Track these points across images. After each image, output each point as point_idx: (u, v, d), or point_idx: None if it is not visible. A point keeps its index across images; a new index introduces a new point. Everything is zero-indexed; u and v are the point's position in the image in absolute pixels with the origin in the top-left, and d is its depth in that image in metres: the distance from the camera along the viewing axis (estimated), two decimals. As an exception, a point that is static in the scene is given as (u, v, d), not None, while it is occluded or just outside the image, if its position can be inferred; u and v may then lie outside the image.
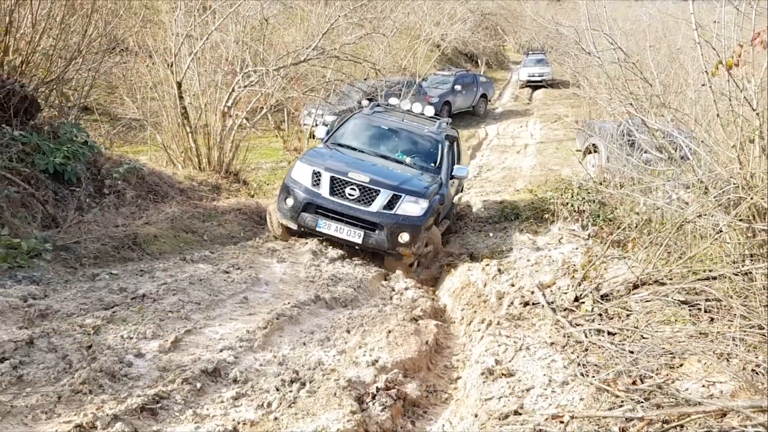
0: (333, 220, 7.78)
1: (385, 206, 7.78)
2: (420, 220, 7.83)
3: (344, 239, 7.79)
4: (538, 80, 32.14)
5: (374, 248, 7.89)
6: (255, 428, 3.65)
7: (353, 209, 7.76)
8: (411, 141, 9.53)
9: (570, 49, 10.72)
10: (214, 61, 13.64)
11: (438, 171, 9.04)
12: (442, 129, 9.85)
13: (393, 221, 7.72)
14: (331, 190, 7.87)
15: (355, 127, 9.68)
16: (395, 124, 9.77)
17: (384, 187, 7.82)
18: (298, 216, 7.89)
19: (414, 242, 7.77)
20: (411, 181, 8.22)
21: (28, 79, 8.32)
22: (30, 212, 6.94)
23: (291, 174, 8.25)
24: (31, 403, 3.54)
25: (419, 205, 7.88)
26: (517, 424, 3.52)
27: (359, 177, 7.84)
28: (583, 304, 5.17)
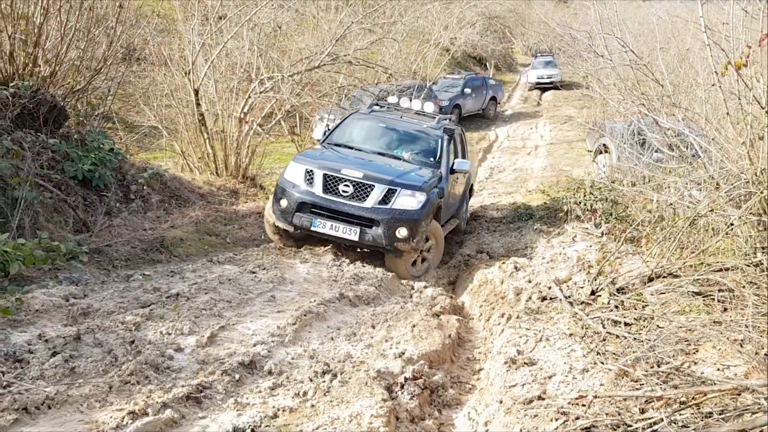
0: (328, 218, 7.61)
1: (380, 201, 7.58)
2: (418, 213, 7.62)
3: (340, 237, 7.63)
4: (546, 82, 32.32)
5: (372, 245, 7.69)
6: (294, 414, 3.87)
7: (348, 206, 7.56)
8: (409, 137, 9.35)
9: (580, 51, 10.89)
10: (229, 69, 13.92)
11: (437, 165, 8.83)
12: (441, 123, 9.67)
13: (389, 216, 7.51)
14: (325, 188, 7.68)
15: (352, 127, 9.55)
16: (392, 121, 9.62)
17: (378, 182, 7.62)
18: (292, 217, 7.70)
19: (413, 237, 7.57)
20: (407, 175, 8.01)
21: (57, 89, 8.63)
22: (62, 217, 7.22)
23: (284, 175, 8.08)
24: (84, 392, 3.78)
25: (416, 198, 7.66)
26: (541, 408, 3.72)
27: (352, 173, 7.65)
28: (600, 297, 5.37)
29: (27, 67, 8.27)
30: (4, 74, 8.09)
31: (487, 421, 4.07)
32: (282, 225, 7.88)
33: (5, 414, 3.41)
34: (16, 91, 7.66)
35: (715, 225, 5.27)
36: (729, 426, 2.89)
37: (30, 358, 4.09)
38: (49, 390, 3.70)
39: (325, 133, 9.38)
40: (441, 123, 9.67)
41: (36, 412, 3.53)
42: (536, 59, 35.50)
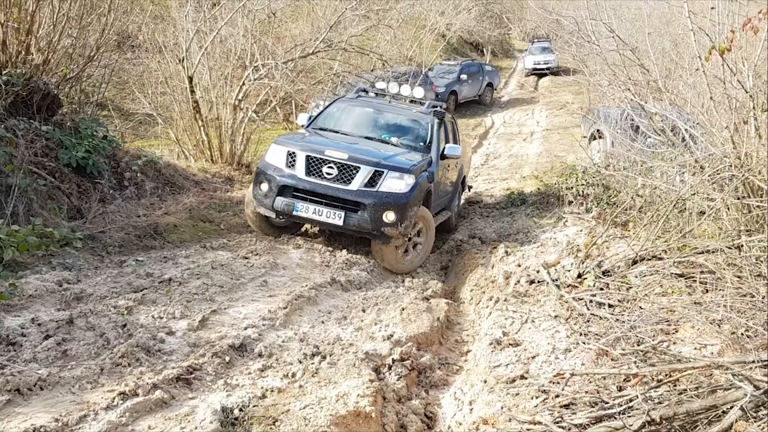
0: (310, 202, 7.18)
1: (366, 183, 7.15)
2: (406, 197, 7.19)
3: (323, 222, 7.23)
4: (543, 68, 32.18)
5: (357, 230, 7.27)
6: (282, 395, 3.96)
7: (331, 188, 7.14)
8: (397, 122, 8.97)
9: (570, 37, 10.90)
10: (223, 56, 13.92)
11: (428, 150, 8.42)
12: (431, 108, 9.26)
13: (376, 199, 7.08)
14: (308, 170, 7.24)
15: (338, 111, 9.14)
16: (380, 106, 9.22)
17: (364, 164, 7.19)
18: (273, 201, 7.27)
19: (401, 221, 7.13)
20: (395, 157, 7.64)
21: (50, 76, 8.65)
22: (56, 204, 7.28)
23: (265, 158, 7.67)
24: (76, 374, 3.86)
25: (404, 180, 7.24)
26: (522, 387, 3.82)
27: (337, 154, 7.23)
28: (586, 280, 5.46)
29: (20, 55, 8.28)
30: (-4, 62, 8.11)
31: (472, 400, 4.16)
32: (263, 211, 7.49)
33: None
34: (9, 79, 7.69)
35: (700, 208, 5.35)
36: (701, 402, 2.98)
37: (23, 342, 4.17)
38: (42, 372, 3.78)
39: (310, 118, 8.99)
40: (431, 108, 9.28)
41: (28, 393, 3.61)
42: (533, 45, 35.38)
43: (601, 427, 3.01)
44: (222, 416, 3.52)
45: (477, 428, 3.56)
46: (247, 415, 3.63)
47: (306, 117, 9.01)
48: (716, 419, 2.92)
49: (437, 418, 4.37)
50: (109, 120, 13.20)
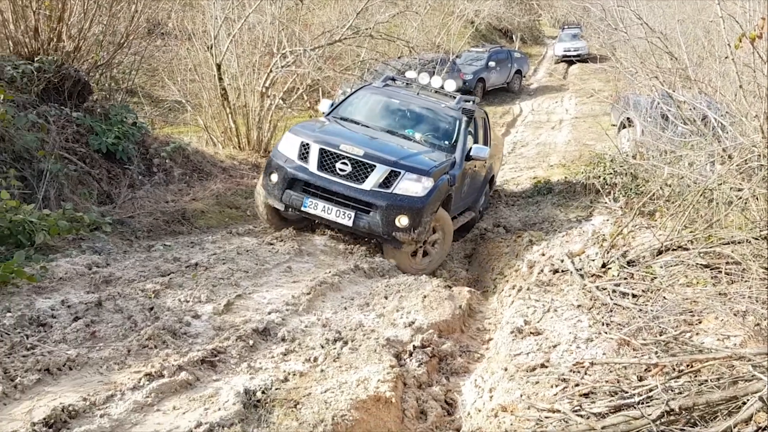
0: (320, 198, 6.80)
1: (380, 184, 6.72)
2: (422, 201, 6.72)
3: (332, 221, 6.83)
4: (573, 55, 31.78)
5: (367, 233, 6.87)
6: (304, 378, 4.01)
7: (343, 186, 6.74)
8: (423, 116, 8.45)
9: (600, 24, 10.75)
10: (251, 43, 14.00)
11: (452, 150, 7.89)
12: (461, 104, 8.66)
13: (389, 201, 6.64)
14: (320, 165, 6.85)
15: (362, 100, 8.65)
16: (407, 98, 8.67)
17: (380, 162, 6.77)
18: (282, 194, 6.92)
19: (414, 227, 6.67)
20: (414, 157, 7.16)
21: (81, 63, 8.80)
22: (87, 189, 7.43)
23: (278, 147, 7.34)
24: (104, 355, 3.96)
25: (422, 184, 6.77)
26: (542, 375, 3.82)
27: (352, 150, 6.81)
28: (610, 269, 5.42)
29: (51, 42, 8.44)
30: (29, 49, 8.27)
31: (492, 387, 4.18)
32: (271, 202, 7.16)
33: (29, 374, 3.60)
34: (41, 66, 7.84)
35: (727, 198, 5.27)
36: (721, 393, 2.96)
37: (53, 323, 4.28)
38: (71, 352, 3.89)
39: (332, 105, 8.56)
40: (461, 103, 8.69)
41: (58, 373, 3.72)
42: (563, 32, 34.92)
43: (620, 416, 3.01)
44: (245, 398, 3.59)
45: (496, 415, 3.58)
46: (270, 397, 3.69)
47: (328, 104, 8.61)
48: (736, 410, 2.91)
49: (457, 405, 4.40)
50: (139, 107, 13.39)
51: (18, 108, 7.23)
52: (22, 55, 8.17)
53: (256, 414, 3.53)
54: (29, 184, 6.71)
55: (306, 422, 3.45)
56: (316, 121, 8.23)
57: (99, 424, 3.21)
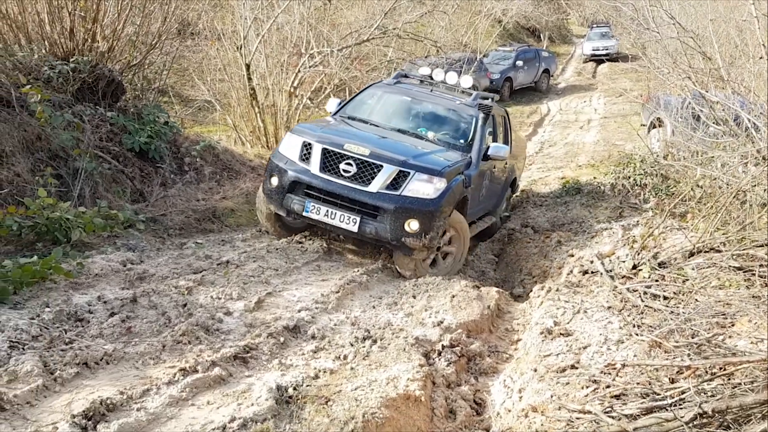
0: (323, 202, 6.35)
1: (388, 185, 6.27)
2: (434, 203, 6.25)
3: (336, 226, 6.38)
4: (602, 54, 31.47)
5: (374, 239, 6.40)
6: (335, 376, 4.06)
7: (347, 189, 6.28)
8: (436, 114, 7.96)
9: (630, 23, 10.64)
10: (280, 43, 14.12)
11: (468, 149, 7.40)
12: (477, 101, 8.10)
13: (398, 204, 6.19)
14: (323, 166, 6.41)
15: (372, 98, 8.18)
16: (420, 95, 8.18)
17: (388, 162, 6.30)
18: (283, 198, 6.51)
19: (425, 232, 6.20)
20: (425, 156, 6.67)
21: (114, 63, 8.97)
22: (120, 187, 7.57)
23: (279, 148, 6.93)
24: (140, 350, 4.05)
25: (433, 184, 6.29)
26: (573, 376, 3.82)
27: (357, 149, 6.36)
28: (641, 271, 5.39)
29: (86, 43, 8.60)
30: (64, 50, 8.45)
31: (521, 388, 4.18)
32: (273, 208, 6.76)
33: (68, 367, 3.69)
34: (77, 66, 8.00)
35: (761, 200, 5.20)
36: (755, 396, 2.94)
37: (90, 318, 4.38)
38: (108, 347, 3.98)
39: (340, 103, 8.11)
40: (477, 100, 8.13)
41: (95, 367, 3.81)
42: (592, 30, 34.58)
43: (652, 418, 3.00)
44: (277, 394, 3.64)
45: (526, 415, 3.59)
46: (301, 394, 3.74)
47: (336, 103, 8.12)
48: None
49: (486, 405, 4.40)
50: (170, 106, 13.58)
51: (54, 107, 7.39)
52: (57, 56, 8.35)
53: (288, 410, 3.57)
54: (65, 182, 6.86)
55: (337, 419, 3.48)
56: (321, 121, 7.94)
57: (136, 418, 3.28)
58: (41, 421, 3.23)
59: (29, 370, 3.57)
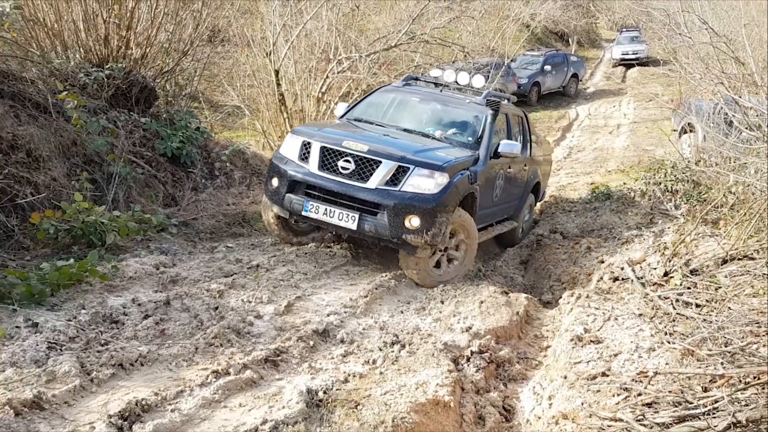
0: (322, 201, 6.25)
1: (387, 182, 6.10)
2: (435, 199, 6.06)
3: (335, 225, 6.24)
4: (632, 58, 31.16)
5: (374, 237, 6.21)
6: (364, 380, 4.09)
7: (345, 186, 6.16)
8: (445, 113, 7.80)
9: (661, 28, 10.53)
10: (308, 49, 14.23)
11: (476, 146, 7.16)
12: (486, 97, 7.78)
13: (397, 201, 6.01)
14: (321, 164, 6.31)
15: (379, 100, 8.06)
16: (428, 95, 8.04)
17: (386, 158, 6.15)
18: (283, 199, 6.41)
19: (427, 228, 6.00)
20: (426, 152, 6.49)
21: (147, 70, 9.14)
22: (153, 191, 7.71)
23: (279, 150, 6.84)
24: (173, 352, 4.12)
25: (434, 179, 6.12)
26: (604, 384, 3.79)
27: (355, 146, 6.24)
28: (672, 278, 5.33)
29: (120, 50, 8.78)
30: (99, 57, 8.63)
31: (551, 395, 4.16)
32: (276, 210, 6.67)
33: (104, 368, 3.77)
34: (111, 73, 8.17)
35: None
36: (792, 406, 2.90)
37: (125, 320, 4.47)
38: (142, 349, 4.06)
39: (348, 107, 8.01)
40: (487, 97, 7.80)
41: (130, 368, 3.89)
42: (621, 34, 34.27)
43: (684, 427, 2.98)
44: (307, 397, 3.68)
45: (557, 422, 3.57)
46: (331, 397, 3.77)
47: (344, 107, 8.04)
48: (808, 425, 2.84)
49: (515, 412, 4.39)
50: (200, 111, 13.77)
51: (89, 113, 7.55)
52: (92, 62, 8.53)
53: (319, 413, 3.61)
54: (99, 186, 7.00)
55: (367, 423, 3.51)
56: (325, 123, 7.87)
57: (170, 419, 3.34)
58: (78, 420, 3.31)
59: (67, 371, 3.65)
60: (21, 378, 3.56)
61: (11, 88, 6.99)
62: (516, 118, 8.60)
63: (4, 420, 3.14)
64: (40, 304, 4.58)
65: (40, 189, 6.24)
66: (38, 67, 7.94)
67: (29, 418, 3.24)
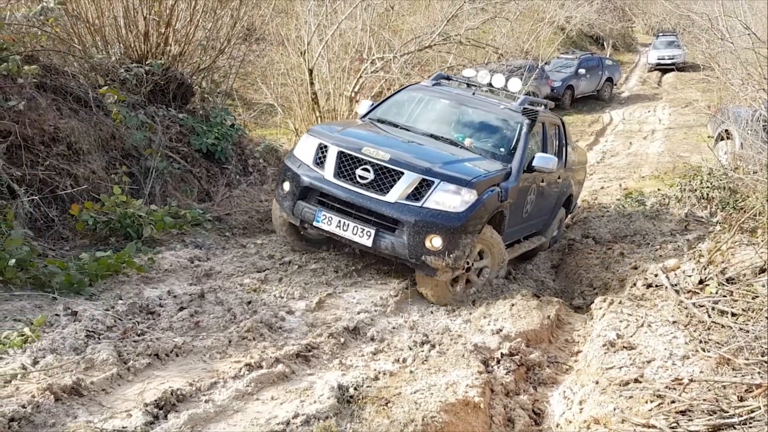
0: (336, 211, 5.73)
1: (409, 195, 5.57)
2: (461, 218, 5.51)
3: (348, 239, 5.71)
4: (668, 63, 30.74)
5: (390, 255, 5.71)
6: (394, 378, 4.11)
7: (362, 197, 5.63)
8: (476, 119, 7.20)
9: (700, 32, 10.36)
10: (342, 48, 14.30)
11: (509, 159, 6.57)
12: (523, 105, 7.16)
13: (418, 217, 5.46)
14: (338, 172, 5.79)
15: (406, 101, 7.48)
16: (459, 98, 7.42)
17: (409, 169, 5.61)
18: (294, 206, 5.92)
19: (449, 250, 5.46)
20: (455, 164, 5.95)
21: (184, 67, 9.27)
22: (188, 186, 7.83)
23: (293, 150, 6.37)
24: (207, 344, 4.19)
25: (461, 196, 5.56)
26: (636, 390, 3.76)
27: (376, 153, 5.69)
28: (708, 286, 5.25)
29: (159, 47, 8.91)
30: (138, 53, 8.77)
31: (582, 399, 4.13)
32: (288, 218, 6.15)
33: (140, 358, 3.85)
34: (150, 69, 8.30)
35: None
36: (832, 419, 2.84)
37: (161, 311, 4.57)
38: (177, 340, 4.14)
39: (372, 105, 7.47)
40: (524, 104, 7.18)
41: (166, 359, 3.96)
42: (658, 39, 33.79)
43: (720, 436, 2.95)
44: (338, 393, 3.71)
45: (588, 427, 3.55)
46: (362, 394, 3.80)
47: (368, 105, 7.52)
48: None
49: (545, 415, 4.37)
50: (234, 109, 13.94)
51: (128, 108, 7.68)
52: (131, 58, 8.67)
53: (349, 409, 3.64)
54: (137, 180, 7.13)
55: (397, 421, 3.53)
56: (346, 123, 7.33)
57: (204, 409, 3.41)
58: (116, 408, 3.38)
59: (105, 359, 3.74)
60: (61, 365, 3.65)
61: (54, 81, 7.13)
62: (553, 127, 7.97)
63: (45, 405, 3.23)
64: (78, 293, 4.70)
65: (79, 181, 6.37)
66: (80, 61, 8.10)
67: (68, 403, 3.32)
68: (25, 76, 6.21)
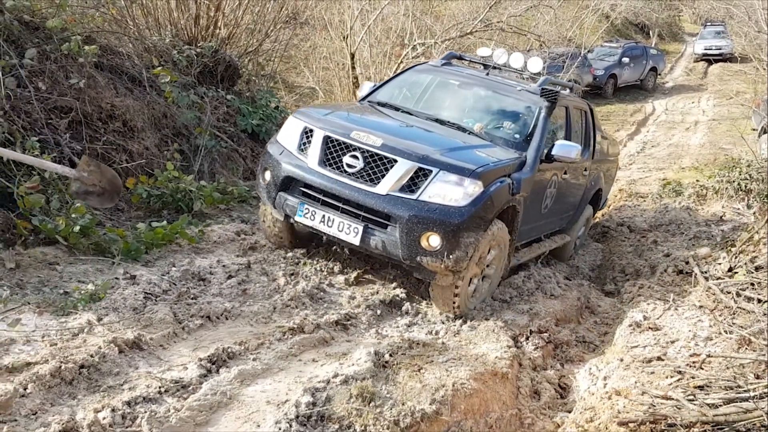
0: (321, 205, 5.01)
1: (403, 187, 4.81)
2: (462, 213, 4.70)
3: (333, 236, 4.99)
4: (715, 54, 30.12)
5: (381, 255, 4.96)
6: (427, 348, 4.35)
7: (350, 188, 4.87)
8: (489, 102, 6.37)
9: (746, 23, 10.28)
10: (384, 33, 14.49)
11: (525, 146, 5.76)
12: (542, 86, 6.28)
13: (413, 212, 4.69)
14: (323, 158, 5.05)
15: (411, 82, 6.69)
16: (471, 79, 6.60)
17: (404, 156, 4.82)
18: (275, 197, 5.23)
19: (449, 250, 4.66)
20: (458, 151, 5.18)
21: (232, 49, 9.59)
22: (234, 165, 8.16)
23: (277, 135, 5.65)
24: (253, 310, 4.50)
25: (464, 188, 4.77)
26: (658, 367, 3.95)
27: (366, 138, 4.94)
28: (736, 274, 5.37)
29: (209, 29, 9.25)
30: (189, 35, 9.12)
31: (606, 375, 4.33)
32: (270, 209, 5.46)
33: (193, 319, 4.18)
34: (201, 51, 8.64)
35: None
36: (842, 395, 3.00)
37: (211, 279, 4.88)
38: (227, 305, 4.46)
39: (373, 87, 6.71)
40: (544, 85, 6.31)
41: (216, 321, 4.28)
42: (705, 29, 33.10)
43: (732, 407, 3.12)
44: (375, 358, 3.97)
45: (609, 398, 3.76)
46: (396, 360, 4.06)
47: (369, 86, 6.78)
48: None
49: (570, 390, 4.59)
50: (277, 91, 14.26)
51: (180, 88, 8.03)
52: (182, 40, 9.03)
53: (384, 373, 3.90)
54: (186, 157, 7.48)
55: (429, 385, 3.78)
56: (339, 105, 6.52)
57: (252, 366, 3.71)
58: (173, 361, 3.71)
59: (162, 318, 4.08)
60: (121, 321, 3.99)
61: (110, 61, 7.51)
62: (578, 113, 7.11)
63: (110, 355, 3.57)
64: (136, 260, 5.05)
65: (134, 156, 6.73)
66: (134, 43, 8.47)
67: (130, 356, 3.66)
68: (85, 56, 6.56)
